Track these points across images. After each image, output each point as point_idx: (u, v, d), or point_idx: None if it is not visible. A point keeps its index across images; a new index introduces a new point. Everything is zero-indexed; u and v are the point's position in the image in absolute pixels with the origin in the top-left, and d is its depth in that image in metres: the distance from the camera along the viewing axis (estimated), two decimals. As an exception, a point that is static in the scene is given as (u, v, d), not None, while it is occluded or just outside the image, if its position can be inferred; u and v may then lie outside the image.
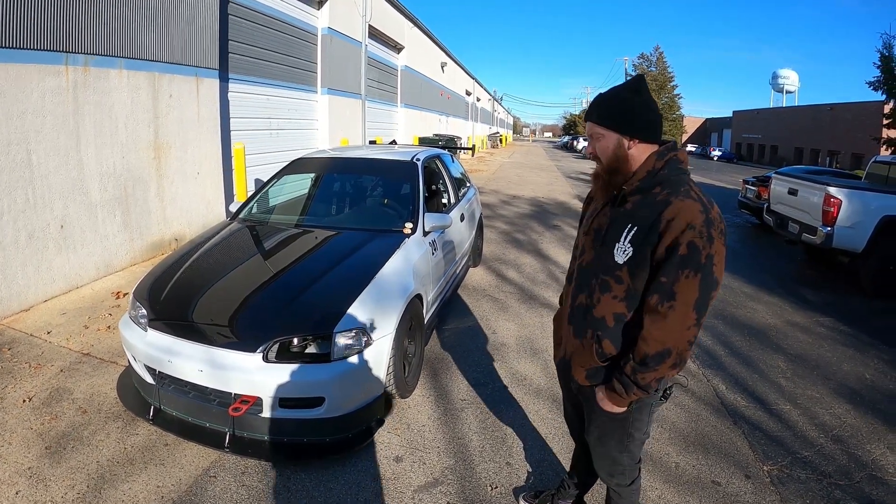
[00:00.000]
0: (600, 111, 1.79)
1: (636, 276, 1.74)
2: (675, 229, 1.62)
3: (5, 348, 4.01)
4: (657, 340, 1.67)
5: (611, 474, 2.10)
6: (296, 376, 2.77)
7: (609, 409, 1.87)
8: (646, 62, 57.79)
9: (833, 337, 5.09)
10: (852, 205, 6.54)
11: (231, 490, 2.66)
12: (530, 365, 4.19)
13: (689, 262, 1.61)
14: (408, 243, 3.88)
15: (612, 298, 1.80)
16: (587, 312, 1.88)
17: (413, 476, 2.83)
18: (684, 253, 1.61)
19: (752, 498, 2.76)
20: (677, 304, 1.63)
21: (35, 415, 3.20)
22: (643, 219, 1.71)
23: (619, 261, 1.76)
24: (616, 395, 1.81)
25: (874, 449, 3.25)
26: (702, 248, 1.61)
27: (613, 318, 1.81)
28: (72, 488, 2.62)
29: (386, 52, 17.39)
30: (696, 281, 1.62)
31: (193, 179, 7.08)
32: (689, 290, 1.62)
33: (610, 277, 1.79)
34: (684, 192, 1.68)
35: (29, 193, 4.78)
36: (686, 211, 1.63)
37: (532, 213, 11.77)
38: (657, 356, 1.68)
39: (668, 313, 1.65)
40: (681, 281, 1.62)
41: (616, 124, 1.76)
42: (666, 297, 1.65)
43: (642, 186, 1.75)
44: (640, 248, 1.70)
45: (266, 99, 9.46)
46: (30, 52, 4.69)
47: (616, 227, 1.79)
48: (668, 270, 1.64)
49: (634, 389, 1.75)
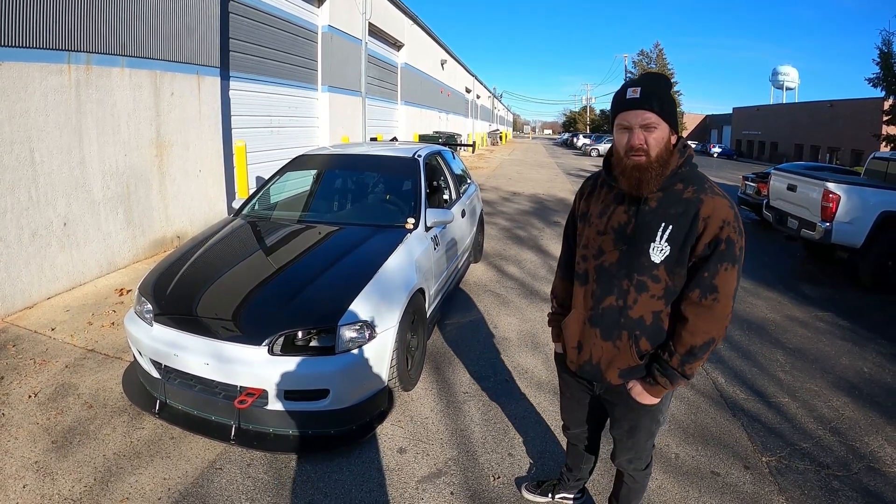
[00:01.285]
0: (660, 101, 1.71)
1: (674, 273, 1.77)
2: (714, 226, 1.69)
3: (10, 345, 4.03)
4: (704, 332, 1.74)
5: (631, 461, 2.14)
6: (301, 369, 2.80)
7: (648, 401, 1.90)
8: (646, 59, 57.67)
9: (832, 331, 5.12)
10: (851, 200, 6.56)
11: (237, 482, 2.69)
12: (532, 358, 4.22)
13: (727, 256, 1.69)
14: (410, 239, 3.91)
15: (651, 297, 1.80)
16: (621, 314, 1.85)
17: (417, 467, 2.87)
18: (724, 248, 1.69)
19: (750, 488, 2.79)
20: (720, 296, 1.71)
21: (41, 410, 3.22)
22: (678, 217, 1.73)
23: (657, 260, 1.76)
24: (658, 388, 1.85)
25: (872, 441, 3.28)
26: (736, 241, 1.70)
27: (652, 317, 1.83)
28: (79, 481, 2.64)
29: (386, 49, 17.40)
30: (734, 272, 1.71)
31: (195, 177, 7.11)
32: (729, 282, 1.71)
33: (646, 277, 1.79)
34: (710, 189, 1.74)
35: (32, 191, 4.80)
36: (720, 208, 1.70)
37: (532, 209, 11.80)
38: (704, 346, 1.75)
39: (714, 305, 1.71)
40: (721, 274, 1.70)
41: (670, 117, 1.73)
42: (709, 291, 1.71)
43: (666, 184, 1.75)
44: (680, 247, 1.73)
45: (267, 97, 9.49)
46: (32, 51, 4.71)
47: (647, 227, 1.78)
48: (709, 266, 1.71)
49: (679, 379, 1.81)
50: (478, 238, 6.67)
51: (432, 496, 2.66)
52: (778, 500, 2.71)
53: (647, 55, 57.70)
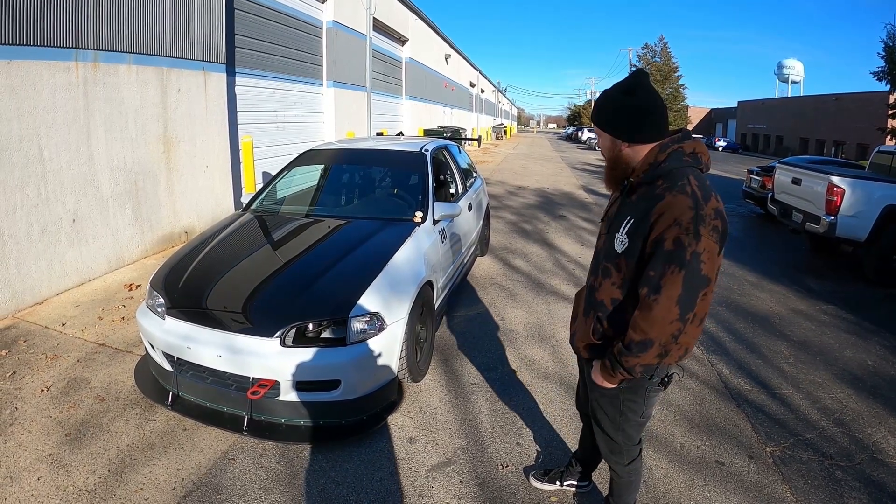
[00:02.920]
0: (596, 113, 1.89)
1: (631, 266, 1.81)
2: (662, 224, 1.67)
3: (21, 340, 4.06)
4: (641, 330, 1.74)
5: (610, 451, 2.19)
6: (312, 360, 2.85)
7: (599, 382, 1.96)
8: (650, 53, 57.28)
9: (836, 324, 5.13)
10: (855, 194, 6.56)
11: (249, 471, 2.74)
12: (539, 350, 4.26)
13: (674, 258, 1.65)
14: (418, 232, 3.94)
15: (611, 285, 1.89)
16: (591, 294, 1.99)
17: (426, 456, 2.91)
18: (670, 248, 1.66)
19: (754, 477, 2.83)
20: (661, 298, 1.68)
21: (53, 403, 3.26)
22: (640, 211, 1.77)
23: (619, 250, 1.84)
24: (606, 371, 1.90)
25: (875, 432, 3.30)
26: (687, 244, 1.64)
27: (611, 303, 1.91)
28: (93, 473, 2.68)
29: (390, 44, 17.40)
30: (680, 277, 1.66)
31: (202, 173, 7.15)
32: (672, 286, 1.67)
33: (611, 264, 1.89)
34: (679, 187, 1.70)
35: (41, 188, 4.83)
36: (675, 206, 1.66)
37: (538, 203, 11.80)
38: (640, 344, 1.75)
39: (653, 306, 1.70)
40: (666, 276, 1.67)
41: (609, 127, 1.85)
42: (653, 290, 1.70)
43: (646, 179, 1.80)
44: (634, 240, 1.78)
45: (272, 92, 9.51)
46: (40, 49, 4.73)
47: (619, 218, 1.87)
48: (655, 264, 1.70)
49: (619, 370, 1.84)
50: (484, 232, 6.70)
51: (442, 485, 2.70)
52: (782, 490, 2.74)
53: (652, 49, 57.30)
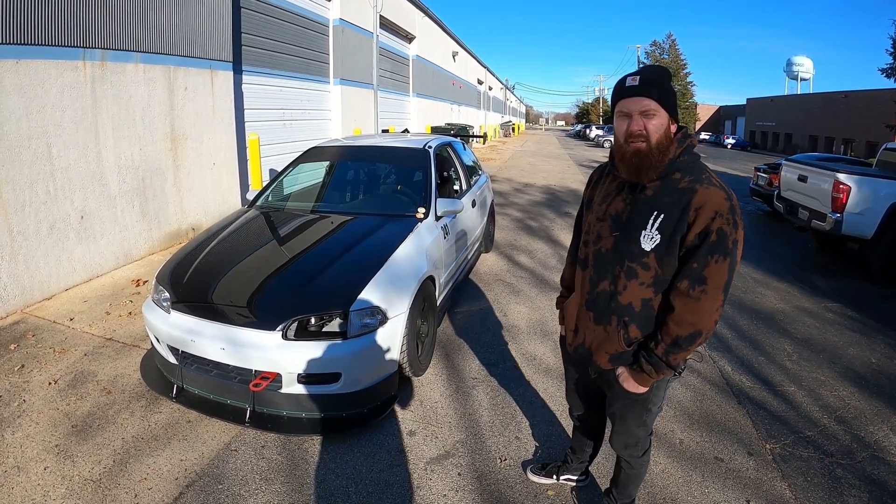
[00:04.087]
0: (660, 89, 1.74)
1: (664, 262, 1.78)
2: (704, 217, 1.68)
3: (29, 335, 4.13)
4: (690, 323, 1.74)
5: (626, 446, 2.17)
6: (314, 353, 2.88)
7: (633, 388, 1.92)
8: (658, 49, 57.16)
9: (840, 322, 5.11)
10: (862, 191, 6.50)
11: (251, 463, 2.78)
12: (541, 346, 4.28)
13: (718, 248, 1.68)
14: (420, 227, 3.97)
15: (640, 285, 1.83)
16: (611, 300, 1.89)
17: (426, 449, 2.94)
18: (714, 240, 1.68)
19: (753, 474, 2.82)
20: (709, 288, 1.70)
21: (61, 396, 3.32)
22: (670, 206, 1.75)
23: (647, 248, 1.79)
24: (644, 376, 1.87)
25: (877, 431, 3.28)
26: (729, 233, 1.68)
27: (641, 304, 1.85)
28: (98, 463, 2.73)
29: (397, 42, 17.42)
30: (725, 265, 1.69)
31: (209, 170, 7.21)
32: (719, 275, 1.69)
33: (636, 264, 1.82)
34: (706, 180, 1.73)
35: (50, 186, 4.89)
36: (713, 199, 1.69)
37: (544, 200, 11.78)
38: (690, 337, 1.75)
39: (701, 297, 1.71)
40: (710, 266, 1.69)
41: (669, 104, 1.76)
42: (697, 282, 1.71)
43: (662, 173, 1.78)
44: (670, 236, 1.75)
45: (279, 90, 9.56)
46: (48, 48, 4.79)
47: (639, 215, 1.81)
48: (699, 256, 1.70)
49: (664, 369, 1.82)
50: (488, 228, 6.71)
51: (440, 477, 2.73)
52: (781, 487, 2.74)
53: (660, 46, 57.20)
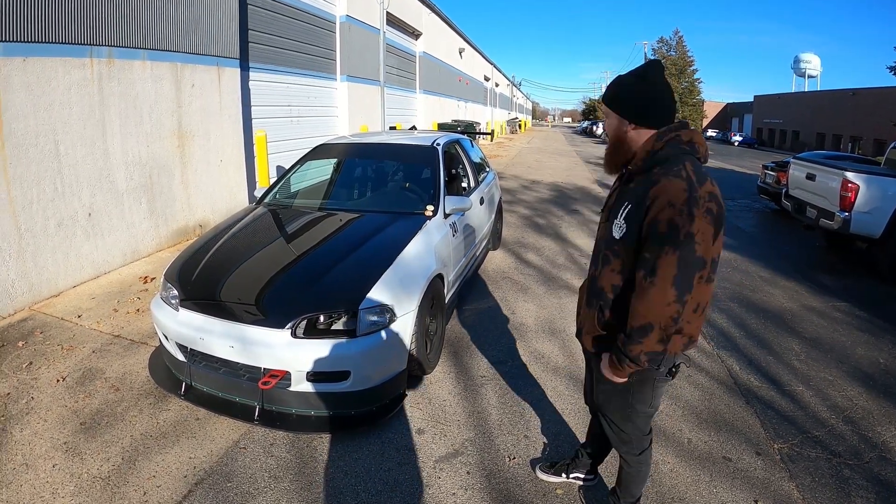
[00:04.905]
0: (607, 93, 1.94)
1: (629, 251, 1.83)
2: (657, 207, 1.70)
3: (37, 332, 4.14)
4: (640, 314, 1.75)
5: (620, 441, 2.21)
6: (322, 351, 2.88)
7: (609, 376, 1.96)
8: (665, 46, 56.70)
9: (849, 321, 5.08)
10: (870, 190, 6.47)
11: (260, 460, 2.79)
12: (549, 344, 4.27)
13: (667, 239, 1.67)
14: (429, 225, 3.97)
15: (611, 271, 1.92)
16: (593, 283, 2.03)
17: (434, 447, 2.95)
18: (664, 230, 1.68)
19: (761, 474, 2.82)
20: (657, 280, 1.70)
21: (69, 393, 3.33)
22: (636, 196, 1.81)
23: (616, 236, 1.87)
24: (614, 365, 1.90)
25: (885, 431, 3.27)
26: (680, 225, 1.66)
27: (612, 290, 1.92)
28: (107, 461, 2.74)
29: (404, 38, 17.40)
30: (675, 258, 1.67)
31: (216, 167, 7.22)
32: (667, 266, 1.68)
33: (610, 251, 1.92)
34: (675, 172, 1.73)
35: (57, 183, 4.91)
36: (670, 189, 1.69)
37: (552, 197, 11.76)
38: (640, 330, 1.76)
39: (649, 288, 1.71)
40: (661, 257, 1.68)
41: (617, 107, 1.90)
42: (648, 273, 1.72)
43: (644, 167, 1.84)
44: (631, 225, 1.80)
45: (286, 87, 9.57)
46: (55, 46, 4.80)
47: (617, 204, 1.91)
48: (649, 246, 1.72)
49: (626, 361, 1.83)
50: (496, 225, 6.71)
51: (449, 475, 2.74)
52: (788, 487, 2.73)
53: (667, 42, 56.73)
